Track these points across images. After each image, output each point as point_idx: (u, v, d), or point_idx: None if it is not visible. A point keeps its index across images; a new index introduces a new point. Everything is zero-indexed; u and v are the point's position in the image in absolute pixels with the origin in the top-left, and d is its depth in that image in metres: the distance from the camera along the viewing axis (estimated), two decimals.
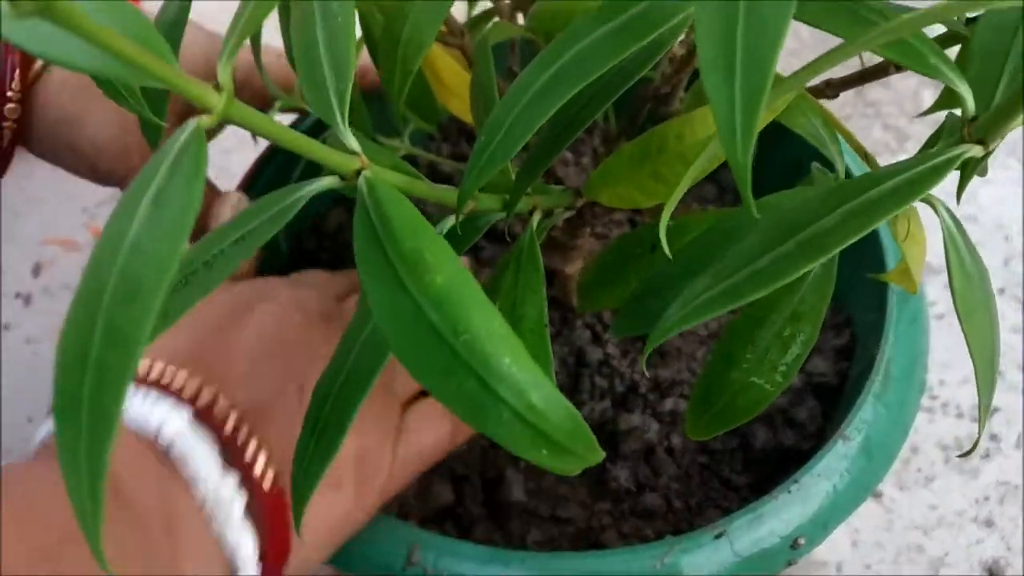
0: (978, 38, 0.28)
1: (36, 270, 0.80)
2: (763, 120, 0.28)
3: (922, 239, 0.32)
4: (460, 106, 0.42)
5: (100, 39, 0.17)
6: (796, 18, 0.28)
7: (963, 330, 0.28)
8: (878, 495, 0.70)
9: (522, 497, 0.48)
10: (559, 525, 0.48)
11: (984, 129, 0.25)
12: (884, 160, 0.86)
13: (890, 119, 0.85)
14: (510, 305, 0.30)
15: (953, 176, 0.27)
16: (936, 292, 0.78)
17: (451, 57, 0.41)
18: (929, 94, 0.87)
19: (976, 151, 0.25)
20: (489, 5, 0.44)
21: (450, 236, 0.29)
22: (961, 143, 0.25)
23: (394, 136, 0.50)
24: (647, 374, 0.30)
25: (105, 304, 0.17)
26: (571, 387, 0.52)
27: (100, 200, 0.82)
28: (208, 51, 0.45)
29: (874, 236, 0.51)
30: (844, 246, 0.23)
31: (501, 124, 0.26)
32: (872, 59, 0.35)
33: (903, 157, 0.86)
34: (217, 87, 0.20)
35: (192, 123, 0.20)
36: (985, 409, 0.30)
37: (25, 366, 0.75)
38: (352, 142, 0.24)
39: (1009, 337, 0.76)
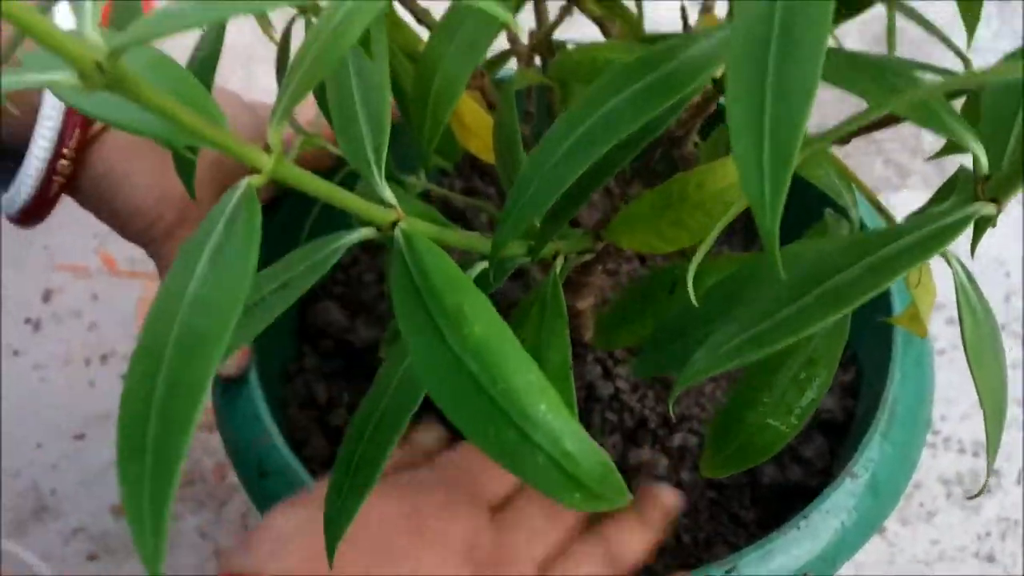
0: (990, 94, 0.29)
1: (46, 296, 0.81)
2: None
3: (933, 287, 0.33)
4: (479, 145, 0.43)
5: (164, 110, 0.18)
6: (822, 78, 0.29)
7: (973, 376, 0.29)
8: (881, 529, 0.71)
9: None
10: None
11: (997, 188, 0.26)
12: (887, 196, 0.86)
13: (892, 155, 0.86)
14: (534, 349, 0.31)
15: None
16: (938, 328, 0.79)
17: (471, 98, 0.42)
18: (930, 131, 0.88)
19: (989, 209, 0.26)
20: (506, 46, 0.45)
21: (476, 279, 0.30)
22: (975, 200, 0.26)
23: (409, 171, 0.51)
24: (673, 411, 0.31)
25: (168, 356, 0.18)
26: (582, 422, 0.53)
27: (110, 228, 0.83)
28: (252, 121, 0.47)
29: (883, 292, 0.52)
30: (864, 299, 0.24)
31: (531, 180, 0.27)
32: None
33: (905, 193, 0.86)
34: (267, 149, 0.21)
35: (244, 183, 0.21)
36: (994, 451, 0.31)
37: (33, 391, 0.76)
38: (388, 195, 0.25)
39: (1009, 373, 0.77)
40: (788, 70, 0.20)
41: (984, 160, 0.26)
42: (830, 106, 0.73)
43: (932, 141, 0.87)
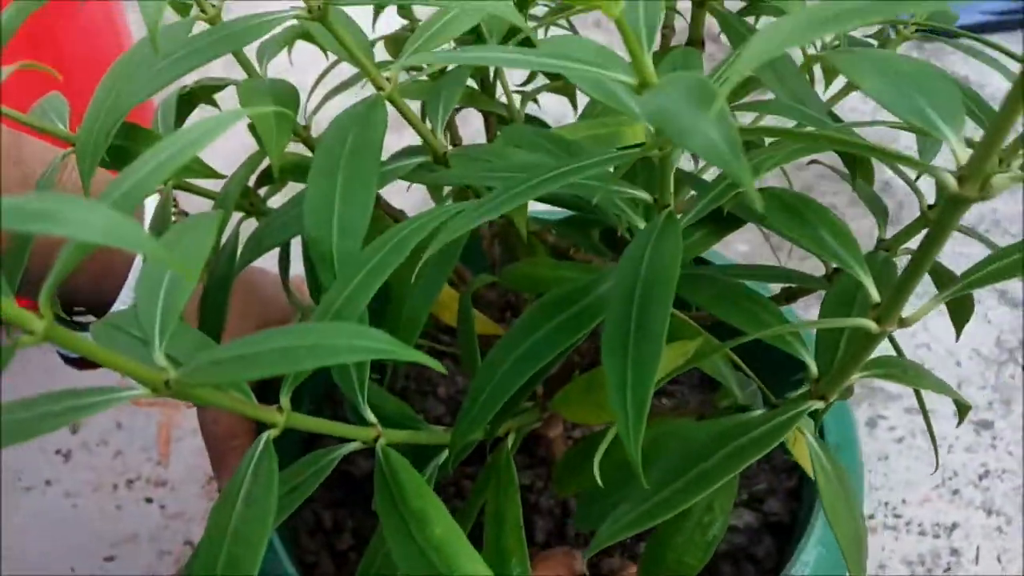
0: (827, 305, 0.40)
1: (74, 428, 0.91)
2: (679, 368, 0.40)
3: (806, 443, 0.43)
4: (449, 316, 0.53)
5: (216, 400, 0.29)
6: (693, 301, 0.40)
7: (828, 520, 0.39)
8: None
9: None
10: None
11: (824, 388, 0.36)
12: None
13: None
14: (495, 509, 0.41)
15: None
16: (897, 417, 0.89)
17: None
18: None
19: (818, 405, 0.36)
20: None
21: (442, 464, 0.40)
22: (809, 399, 0.36)
23: None
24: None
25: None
26: (559, 533, 0.63)
27: None
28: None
29: None
30: (722, 482, 0.34)
31: (483, 389, 0.37)
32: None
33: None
34: (280, 409, 0.31)
35: (263, 438, 0.31)
36: None
37: (66, 518, 0.86)
38: (370, 416, 0.36)
39: (963, 457, 0.87)
40: (643, 350, 0.30)
41: (814, 369, 0.36)
42: None
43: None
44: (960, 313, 0.45)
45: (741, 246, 1.02)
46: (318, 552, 0.64)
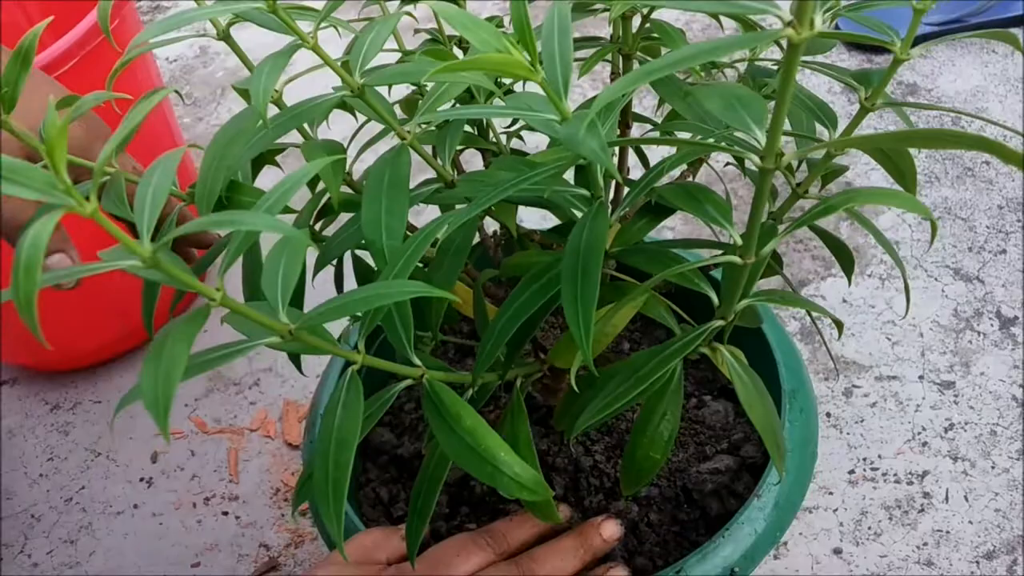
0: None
1: (154, 457, 1.12)
2: (630, 314, 0.61)
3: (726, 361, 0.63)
4: (468, 309, 0.74)
5: (317, 344, 0.49)
6: (634, 264, 0.60)
7: (750, 416, 0.59)
8: (839, 551, 0.99)
9: None
10: None
11: (723, 312, 0.56)
12: (816, 284, 1.15)
13: (817, 251, 1.17)
14: (512, 432, 0.62)
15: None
16: (869, 385, 1.08)
17: (463, 284, 0.74)
18: (846, 226, 1.19)
19: (720, 323, 0.56)
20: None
21: (472, 398, 0.61)
22: (714, 320, 0.56)
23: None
24: (572, 448, 0.61)
25: (332, 451, 0.49)
26: (573, 487, 0.83)
27: (198, 395, 1.15)
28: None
29: (773, 366, 0.82)
30: (654, 378, 0.55)
31: (488, 342, 0.58)
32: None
33: (830, 280, 1.16)
34: (357, 350, 0.52)
35: (349, 371, 0.52)
36: (779, 458, 0.60)
37: (154, 535, 1.07)
38: (416, 361, 0.56)
39: (930, 414, 1.06)
40: (585, 290, 0.51)
41: (715, 298, 0.57)
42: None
43: (848, 236, 1.18)
44: (844, 262, 0.65)
45: None
46: (379, 520, 0.84)
